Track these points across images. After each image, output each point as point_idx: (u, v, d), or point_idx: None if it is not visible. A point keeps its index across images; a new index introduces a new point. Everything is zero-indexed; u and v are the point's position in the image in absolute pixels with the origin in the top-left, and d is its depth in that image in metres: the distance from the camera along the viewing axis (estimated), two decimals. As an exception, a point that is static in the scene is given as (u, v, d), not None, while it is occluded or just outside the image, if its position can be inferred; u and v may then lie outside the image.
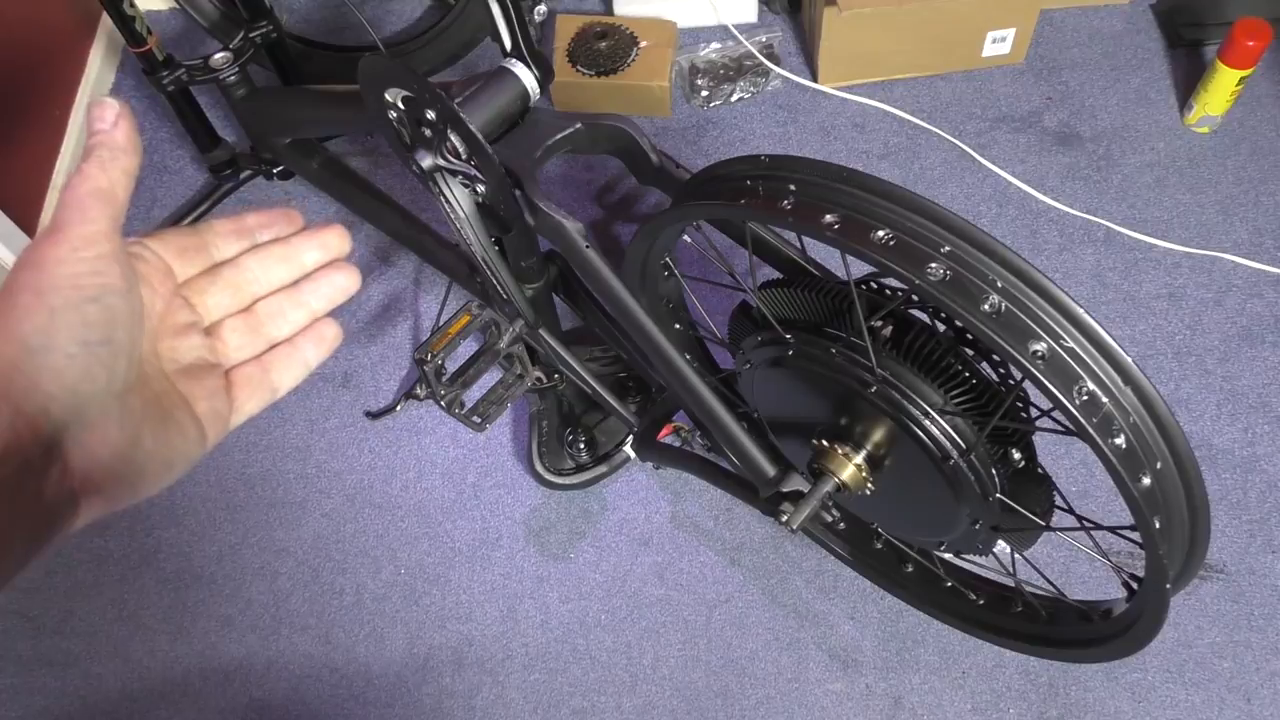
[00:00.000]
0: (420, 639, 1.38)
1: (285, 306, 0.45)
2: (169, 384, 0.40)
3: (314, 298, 0.46)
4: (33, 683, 1.39)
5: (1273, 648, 1.29)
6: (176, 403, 0.40)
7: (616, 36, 1.74)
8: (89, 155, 0.37)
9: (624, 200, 1.71)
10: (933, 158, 1.70)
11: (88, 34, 1.86)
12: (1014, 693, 1.29)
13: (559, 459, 1.43)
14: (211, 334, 0.43)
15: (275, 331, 0.45)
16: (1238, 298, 1.53)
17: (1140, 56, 1.77)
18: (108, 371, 0.35)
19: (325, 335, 0.46)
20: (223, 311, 0.43)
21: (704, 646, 1.35)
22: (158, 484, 0.39)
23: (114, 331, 0.35)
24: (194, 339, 0.42)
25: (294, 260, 0.45)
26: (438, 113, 0.86)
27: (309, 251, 0.45)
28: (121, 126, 0.37)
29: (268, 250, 0.45)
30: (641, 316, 0.93)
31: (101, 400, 0.35)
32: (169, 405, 0.39)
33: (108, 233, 0.36)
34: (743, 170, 0.84)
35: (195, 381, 0.41)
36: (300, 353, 0.45)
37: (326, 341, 0.46)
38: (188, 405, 0.41)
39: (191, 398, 0.41)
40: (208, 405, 0.41)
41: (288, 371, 0.45)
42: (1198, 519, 0.79)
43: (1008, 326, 0.70)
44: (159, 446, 0.38)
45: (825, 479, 0.95)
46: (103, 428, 0.35)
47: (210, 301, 0.43)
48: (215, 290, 0.43)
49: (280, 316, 0.45)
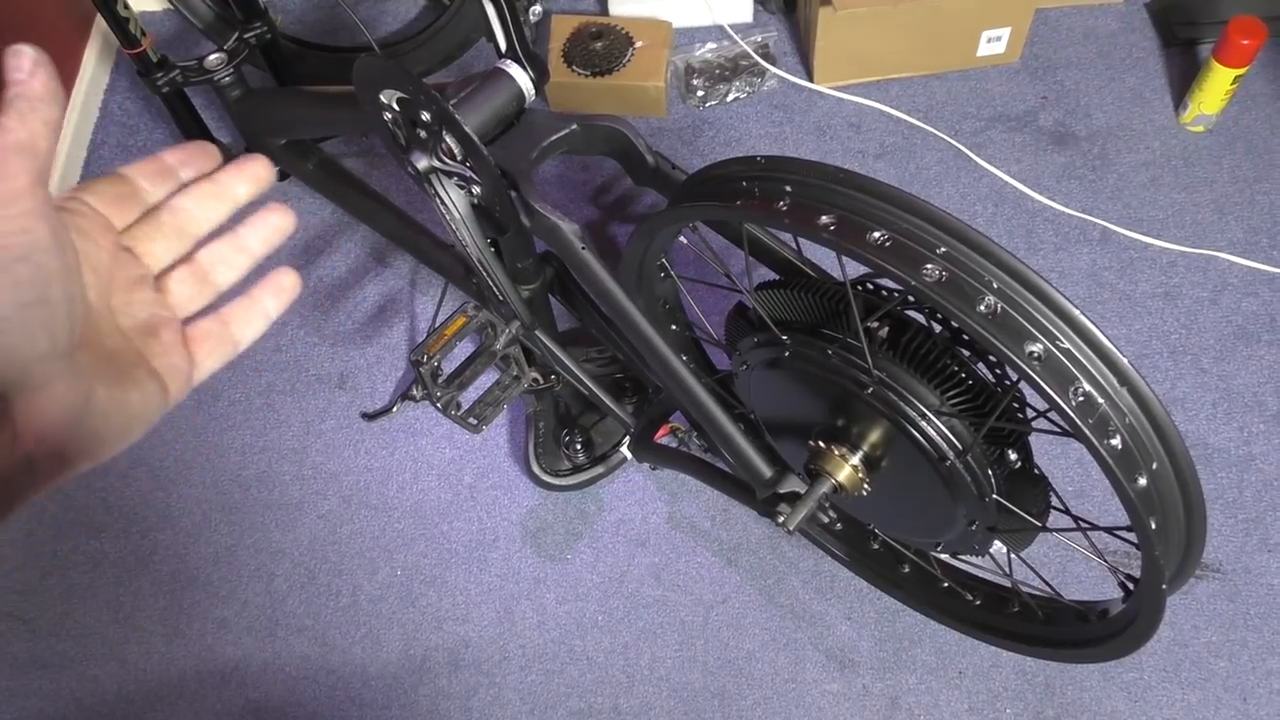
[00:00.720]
0: (417, 640, 1.38)
1: (226, 252, 0.44)
2: (124, 340, 0.39)
3: (254, 241, 0.45)
4: (28, 685, 1.38)
5: (1269, 647, 1.29)
6: (132, 359, 0.39)
7: (612, 37, 1.74)
8: (6, 108, 0.35)
9: (620, 201, 1.71)
10: (928, 157, 1.70)
11: (82, 35, 1.85)
12: (1010, 692, 1.29)
13: (556, 460, 1.43)
14: (162, 286, 0.42)
15: (221, 279, 0.44)
16: (1233, 296, 1.53)
17: (1135, 55, 1.78)
18: (48, 331, 0.34)
19: (284, 285, 0.46)
20: (168, 259, 0.43)
21: (701, 647, 1.35)
22: (118, 443, 0.38)
23: (48, 290, 0.34)
24: (146, 293, 0.41)
25: (226, 196, 0.44)
26: (433, 114, 0.86)
27: (238, 185, 0.45)
28: (39, 75, 0.35)
29: (197, 188, 0.44)
30: (638, 318, 0.93)
31: (46, 361, 0.34)
32: (124, 362, 0.39)
33: (30, 188, 0.34)
34: (739, 171, 0.84)
35: (152, 337, 0.40)
36: (259, 304, 0.45)
37: (285, 291, 0.46)
38: (145, 361, 0.40)
39: (149, 353, 0.40)
40: (166, 361, 0.41)
41: (248, 324, 0.45)
42: (1194, 519, 0.79)
43: (1003, 327, 0.70)
44: (115, 404, 0.37)
45: (822, 480, 0.95)
46: (51, 388, 0.34)
47: (154, 249, 0.42)
48: (158, 237, 0.42)
49: (223, 263, 0.44)
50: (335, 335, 1.61)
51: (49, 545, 1.47)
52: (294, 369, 1.59)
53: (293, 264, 1.72)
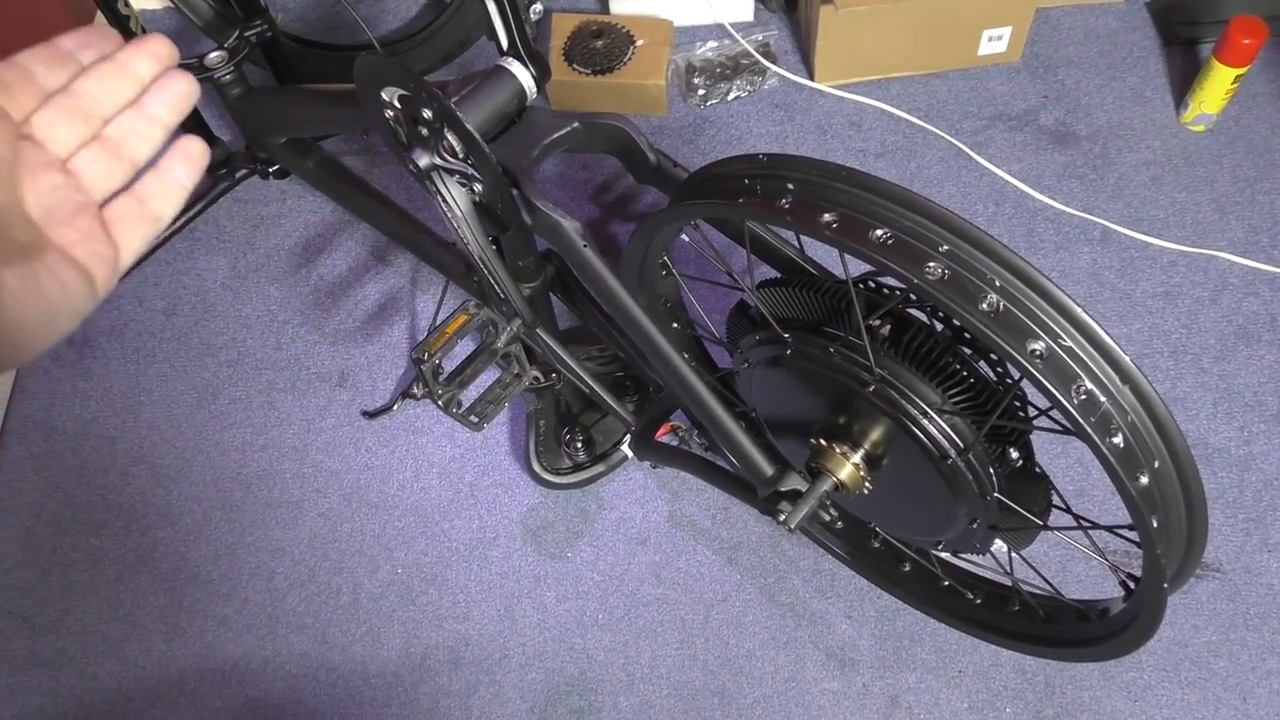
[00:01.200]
0: (417, 638, 1.38)
1: (135, 124, 0.43)
2: (34, 230, 0.38)
3: (160, 109, 0.43)
4: (28, 682, 1.38)
5: (1269, 646, 1.29)
6: (45, 249, 0.38)
7: (613, 35, 1.74)
8: None
9: (622, 199, 1.71)
10: (929, 156, 1.70)
11: (82, 32, 1.85)
12: (1010, 691, 1.29)
13: (556, 458, 1.43)
14: (71, 170, 0.41)
15: (135, 153, 0.43)
16: (1233, 296, 1.53)
17: (1136, 55, 1.78)
18: None
19: (192, 152, 0.45)
20: (75, 142, 0.41)
21: (701, 645, 1.35)
22: (42, 335, 0.38)
23: None
24: (53, 178, 0.40)
25: (129, 75, 0.43)
26: (434, 112, 0.86)
27: (140, 63, 0.43)
28: None
29: (98, 69, 0.42)
30: (639, 315, 0.93)
31: None
32: (35, 251, 0.38)
33: None
34: (740, 169, 0.84)
35: (66, 225, 0.40)
36: (172, 175, 0.44)
37: (195, 159, 0.45)
38: (62, 251, 0.39)
39: (66, 243, 0.39)
40: (86, 248, 0.40)
41: (163, 197, 0.44)
42: (1195, 518, 0.79)
43: (1006, 325, 0.70)
44: (31, 295, 0.37)
45: (823, 478, 0.95)
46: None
47: (59, 134, 0.41)
48: (60, 122, 0.41)
49: (135, 136, 0.43)
50: (336, 333, 1.61)
51: (49, 543, 1.47)
52: (295, 367, 1.59)
53: (294, 262, 1.71)
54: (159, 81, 0.44)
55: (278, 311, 1.63)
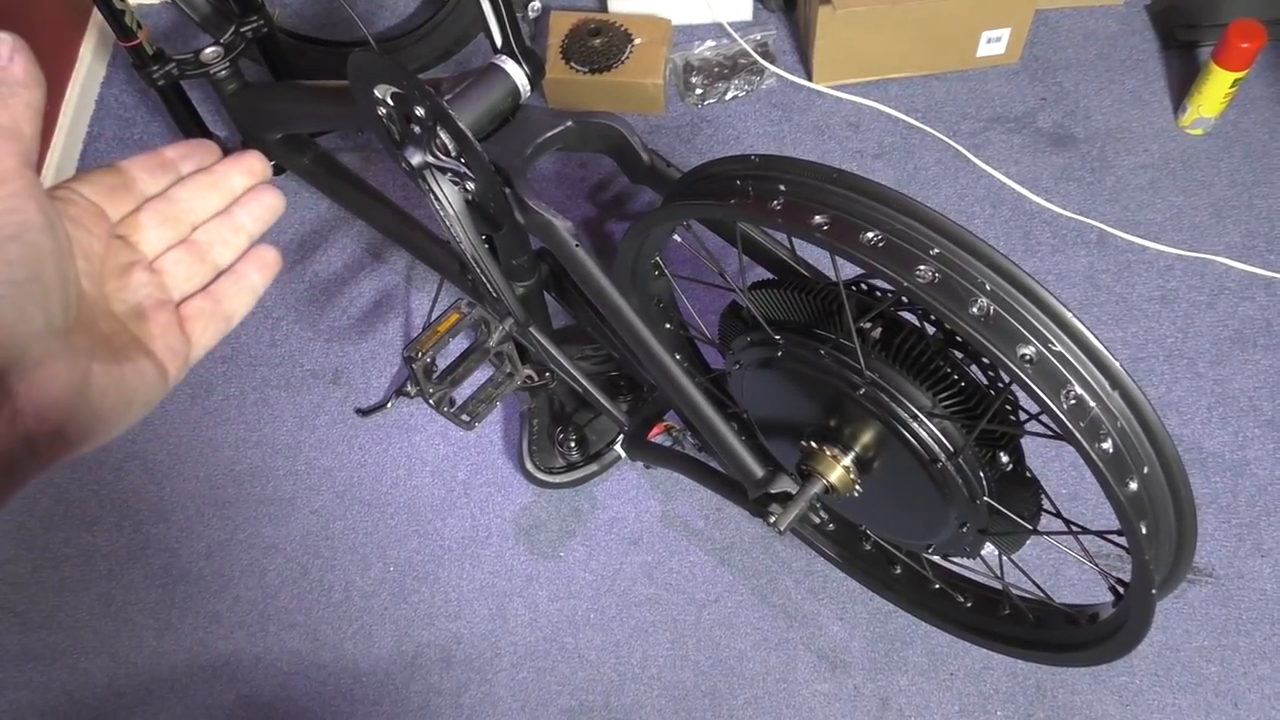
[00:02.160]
0: (409, 636, 1.38)
1: (222, 231, 0.46)
2: (119, 325, 0.41)
3: (248, 220, 0.46)
4: (19, 677, 1.38)
5: (1260, 652, 1.29)
6: (128, 342, 0.40)
7: (611, 33, 1.74)
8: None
9: (616, 199, 1.71)
10: (927, 158, 1.70)
11: (78, 28, 1.85)
12: (1001, 695, 1.29)
13: (549, 457, 1.43)
14: (156, 269, 0.44)
15: (218, 258, 0.46)
16: (1229, 301, 1.53)
17: (1135, 58, 1.77)
18: (43, 309, 0.35)
19: (266, 259, 0.47)
20: (163, 245, 0.44)
21: (693, 646, 1.35)
22: (117, 423, 0.39)
23: (41, 269, 0.35)
24: (139, 276, 0.42)
25: (223, 186, 0.46)
26: (427, 110, 0.86)
27: (235, 176, 0.46)
28: (18, 60, 0.36)
29: (195, 179, 0.45)
30: (631, 316, 0.92)
31: (43, 339, 0.35)
32: (120, 345, 0.40)
33: (18, 169, 0.35)
34: (733, 170, 0.84)
35: (147, 320, 0.42)
36: (246, 279, 0.46)
37: (269, 265, 0.47)
38: (141, 345, 0.41)
39: (145, 337, 0.41)
40: (162, 343, 0.42)
41: (238, 299, 0.46)
42: (1185, 524, 0.79)
43: (996, 330, 0.70)
44: (113, 385, 0.38)
45: (813, 481, 0.94)
46: (49, 366, 0.35)
47: (150, 237, 0.43)
48: (153, 225, 0.44)
49: (220, 242, 0.46)
50: (330, 331, 1.61)
51: (41, 538, 1.47)
52: (288, 364, 1.58)
53: (288, 259, 1.71)
54: (249, 194, 0.47)
55: (272, 308, 1.63)
